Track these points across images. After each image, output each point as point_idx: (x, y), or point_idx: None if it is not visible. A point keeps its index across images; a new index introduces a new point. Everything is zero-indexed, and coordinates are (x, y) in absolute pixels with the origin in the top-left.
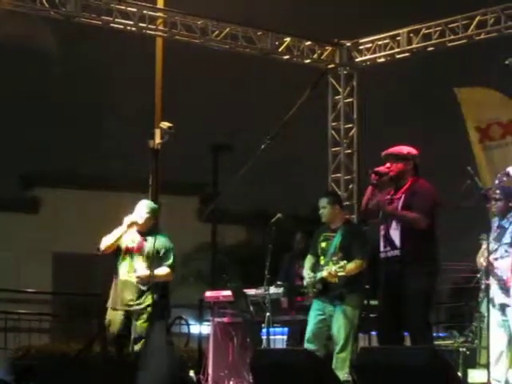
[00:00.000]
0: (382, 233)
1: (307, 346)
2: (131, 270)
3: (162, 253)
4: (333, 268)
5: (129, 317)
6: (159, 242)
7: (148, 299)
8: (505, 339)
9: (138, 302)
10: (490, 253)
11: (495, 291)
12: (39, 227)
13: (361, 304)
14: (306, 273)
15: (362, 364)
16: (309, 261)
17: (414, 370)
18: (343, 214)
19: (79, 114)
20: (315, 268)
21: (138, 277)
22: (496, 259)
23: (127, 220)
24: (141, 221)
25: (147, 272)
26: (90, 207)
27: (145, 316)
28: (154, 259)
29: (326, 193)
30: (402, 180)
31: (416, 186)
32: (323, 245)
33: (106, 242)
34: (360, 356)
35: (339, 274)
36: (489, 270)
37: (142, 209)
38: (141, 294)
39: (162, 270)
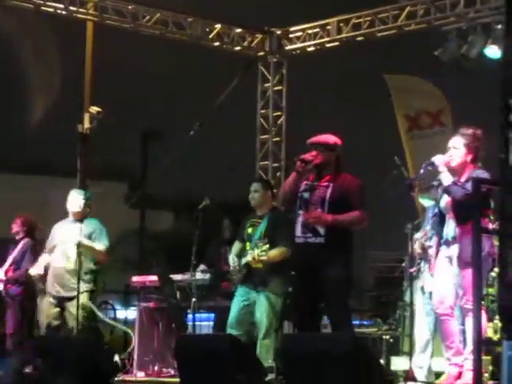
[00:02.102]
0: (301, 219)
1: (230, 331)
2: (64, 259)
3: (94, 235)
4: (255, 252)
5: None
6: (91, 226)
7: (81, 286)
8: (431, 328)
9: (68, 289)
10: (413, 240)
11: (426, 279)
12: None
13: (285, 290)
14: (232, 258)
15: (286, 351)
16: (235, 247)
17: (337, 357)
18: (272, 201)
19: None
20: (241, 254)
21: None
22: (430, 247)
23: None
24: (77, 209)
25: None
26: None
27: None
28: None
29: (260, 178)
30: (326, 169)
31: (344, 179)
32: (249, 230)
33: (35, 272)
34: (283, 343)
35: (261, 258)
36: (422, 257)
37: (78, 197)
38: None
39: (98, 245)
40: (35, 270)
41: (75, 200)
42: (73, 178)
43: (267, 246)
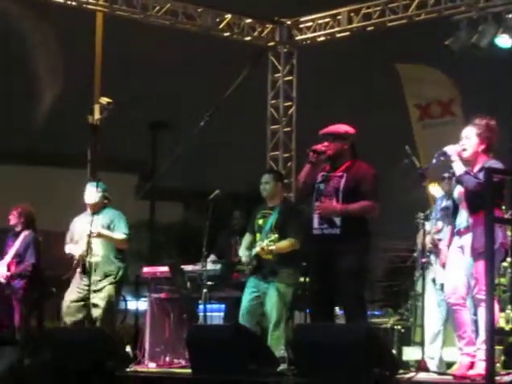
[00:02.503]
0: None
1: (241, 322)
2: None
3: (113, 225)
4: (264, 242)
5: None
6: (109, 216)
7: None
8: (442, 318)
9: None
10: (425, 232)
11: (437, 271)
12: None
13: (295, 281)
14: (242, 251)
15: (297, 341)
16: (246, 239)
17: (349, 348)
18: (283, 192)
19: (14, 89)
20: (252, 246)
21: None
22: (440, 240)
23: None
24: (94, 201)
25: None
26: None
27: (102, 295)
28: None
29: (271, 169)
30: (340, 159)
31: (356, 168)
32: (260, 222)
33: (67, 250)
34: (295, 333)
35: (270, 248)
36: (433, 251)
37: (94, 189)
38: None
39: (118, 235)
40: (76, 250)
41: (91, 192)
42: (83, 169)
43: (276, 235)
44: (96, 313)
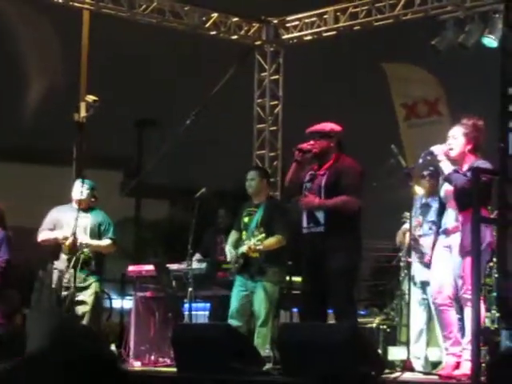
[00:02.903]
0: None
1: (230, 321)
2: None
3: (103, 227)
4: (251, 241)
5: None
6: (99, 218)
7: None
8: (424, 317)
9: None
10: (411, 229)
11: (416, 269)
12: None
13: (282, 279)
14: (228, 249)
15: (283, 340)
16: (232, 236)
17: (334, 347)
18: (268, 189)
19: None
20: (238, 244)
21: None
22: (420, 236)
23: (63, 236)
24: (83, 197)
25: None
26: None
27: (89, 292)
28: (96, 234)
29: (256, 166)
30: (326, 157)
31: (340, 164)
32: (246, 220)
33: (45, 236)
34: (281, 332)
35: (257, 247)
36: (412, 247)
37: (83, 186)
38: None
39: (105, 241)
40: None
41: (79, 188)
42: (68, 166)
43: (263, 235)
44: (83, 309)
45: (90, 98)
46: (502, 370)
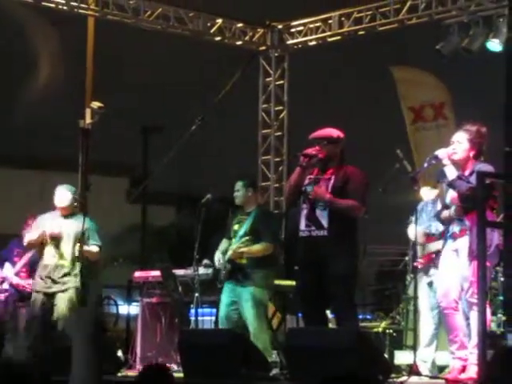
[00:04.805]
0: (305, 212)
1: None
2: (57, 254)
3: (87, 233)
4: (234, 246)
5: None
6: (84, 223)
7: (71, 281)
8: (436, 321)
9: (59, 283)
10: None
11: (434, 274)
12: None
13: (270, 283)
14: (217, 256)
15: (290, 345)
16: (222, 244)
17: (341, 352)
18: (257, 197)
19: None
20: (227, 251)
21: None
22: (431, 235)
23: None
24: (66, 204)
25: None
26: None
27: (66, 297)
28: (80, 241)
29: (241, 176)
30: (330, 162)
31: (347, 170)
32: (236, 227)
33: (30, 237)
34: (288, 337)
35: (241, 249)
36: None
37: (66, 193)
38: (63, 276)
39: (91, 248)
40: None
41: (63, 195)
42: (74, 172)
43: (246, 238)
44: (57, 313)
45: (96, 104)
46: (508, 372)
